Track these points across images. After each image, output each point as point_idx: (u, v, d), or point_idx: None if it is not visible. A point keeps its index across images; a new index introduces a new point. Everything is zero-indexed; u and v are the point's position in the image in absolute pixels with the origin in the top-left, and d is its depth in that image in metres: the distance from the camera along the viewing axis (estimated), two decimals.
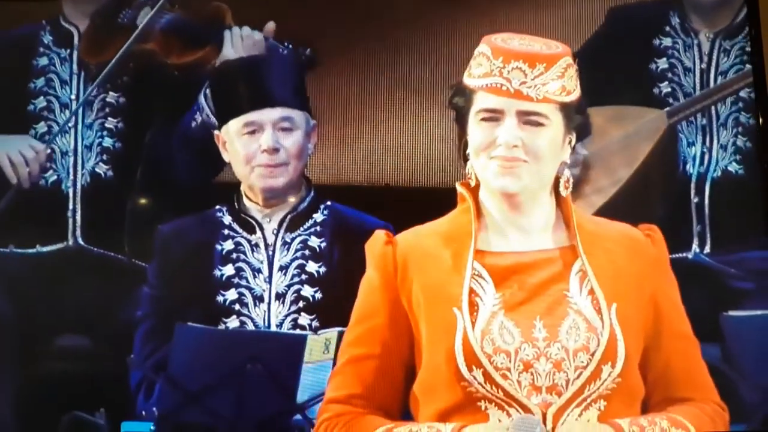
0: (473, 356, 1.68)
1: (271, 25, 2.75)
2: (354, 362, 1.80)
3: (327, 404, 1.81)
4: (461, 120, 1.81)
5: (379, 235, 1.85)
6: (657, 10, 2.74)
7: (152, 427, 2.47)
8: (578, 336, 1.70)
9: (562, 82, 1.75)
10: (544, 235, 1.79)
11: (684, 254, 2.59)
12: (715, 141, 2.66)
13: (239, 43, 2.74)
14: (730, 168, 2.64)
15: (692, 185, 2.65)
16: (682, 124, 2.68)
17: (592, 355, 1.69)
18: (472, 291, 1.74)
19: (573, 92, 1.77)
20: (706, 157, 2.66)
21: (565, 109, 1.76)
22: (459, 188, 1.83)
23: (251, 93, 2.62)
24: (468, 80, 1.78)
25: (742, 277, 2.55)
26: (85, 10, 2.85)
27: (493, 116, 1.74)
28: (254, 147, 2.59)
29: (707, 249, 2.61)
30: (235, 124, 2.61)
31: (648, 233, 1.83)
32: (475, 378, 1.68)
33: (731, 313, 2.49)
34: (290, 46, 2.74)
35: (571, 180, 1.81)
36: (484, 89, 1.75)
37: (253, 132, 2.60)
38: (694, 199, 2.64)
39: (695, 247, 2.61)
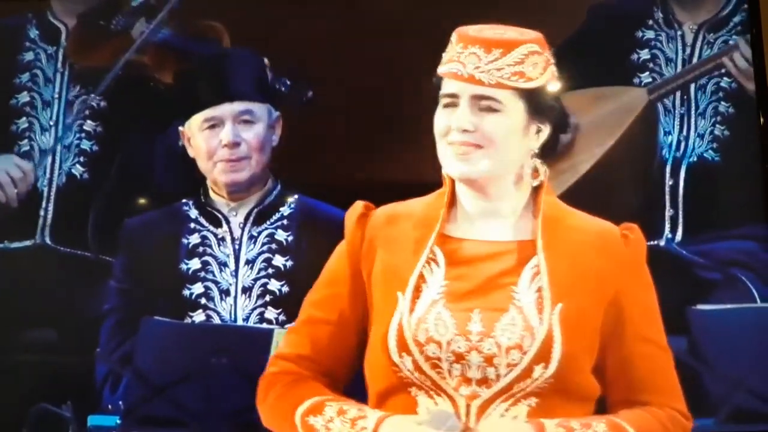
0: (404, 343, 1.68)
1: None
2: (310, 323, 1.82)
3: (276, 359, 1.83)
4: None
5: (357, 206, 1.85)
6: (640, 4, 2.72)
7: (118, 421, 2.49)
8: (513, 333, 1.67)
9: (521, 68, 1.72)
10: (511, 226, 1.77)
11: (656, 242, 2.56)
12: (692, 130, 2.62)
13: None
14: (706, 155, 2.61)
15: (667, 168, 2.61)
16: (661, 113, 2.64)
17: (525, 353, 1.66)
18: (422, 277, 1.73)
19: (536, 80, 1.73)
20: (683, 144, 2.63)
21: (527, 96, 1.73)
22: (444, 171, 1.83)
23: (210, 88, 2.63)
24: (438, 69, 1.79)
25: (712, 268, 2.51)
26: (74, 8, 2.87)
27: (452, 101, 1.74)
28: (215, 142, 2.59)
29: (679, 235, 2.57)
30: (196, 120, 2.61)
31: (625, 233, 1.78)
32: (404, 364, 1.68)
33: (699, 306, 2.45)
34: (289, 83, 2.71)
35: (543, 170, 1.78)
36: (445, 75, 1.76)
37: (213, 126, 2.60)
38: (669, 182, 2.60)
39: (667, 232, 2.58)
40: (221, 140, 2.58)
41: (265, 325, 2.53)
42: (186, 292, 2.56)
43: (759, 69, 2.61)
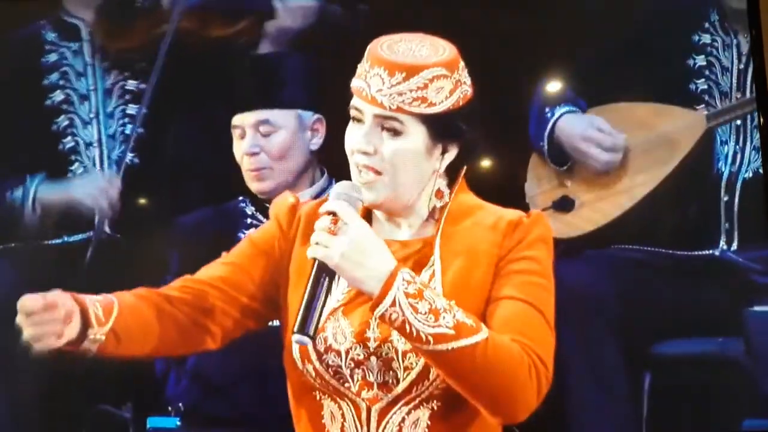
0: (306, 352, 1.68)
1: None
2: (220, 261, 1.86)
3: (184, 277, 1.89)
4: None
5: (288, 195, 1.83)
6: (696, 5, 2.72)
7: (178, 423, 2.49)
8: None
9: (424, 93, 1.68)
10: (419, 231, 1.75)
11: (711, 251, 2.60)
12: (748, 142, 2.64)
13: (290, 12, 2.72)
14: (761, 170, 2.64)
15: (723, 184, 2.64)
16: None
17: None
18: None
19: (439, 104, 1.69)
20: (738, 157, 2.65)
21: (429, 120, 1.69)
22: None
23: (235, 96, 2.62)
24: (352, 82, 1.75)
25: (767, 273, 2.56)
26: (88, 2, 2.84)
27: (358, 117, 1.71)
28: (241, 151, 2.61)
29: (734, 245, 2.60)
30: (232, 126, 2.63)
31: (521, 218, 1.73)
32: (307, 371, 1.69)
33: (756, 308, 2.49)
34: (339, 7, 2.70)
35: (446, 192, 1.74)
36: (353, 91, 1.72)
37: (241, 135, 2.61)
38: (724, 198, 2.63)
39: (722, 244, 2.61)
40: (243, 150, 2.59)
41: None
42: None
43: (759, 69, 2.64)
